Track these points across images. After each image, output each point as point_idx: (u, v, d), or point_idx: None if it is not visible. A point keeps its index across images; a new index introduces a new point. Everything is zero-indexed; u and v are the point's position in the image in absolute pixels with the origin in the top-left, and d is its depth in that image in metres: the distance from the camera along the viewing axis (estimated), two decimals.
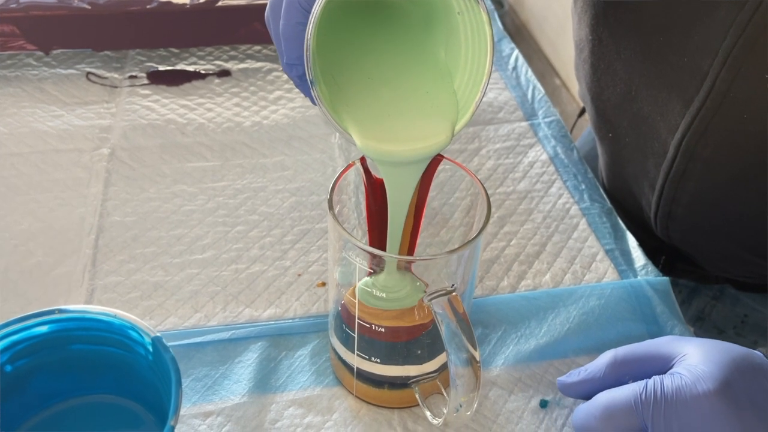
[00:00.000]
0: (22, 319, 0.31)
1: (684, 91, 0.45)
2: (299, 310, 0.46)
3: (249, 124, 0.60)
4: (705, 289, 0.60)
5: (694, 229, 0.52)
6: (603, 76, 0.53)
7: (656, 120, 0.49)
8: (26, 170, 0.54)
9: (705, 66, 0.43)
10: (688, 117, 0.46)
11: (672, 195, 0.50)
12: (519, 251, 0.50)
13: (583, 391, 0.38)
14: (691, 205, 0.50)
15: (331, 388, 0.41)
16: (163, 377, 0.30)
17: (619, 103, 0.52)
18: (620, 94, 0.52)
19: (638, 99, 0.50)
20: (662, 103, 0.48)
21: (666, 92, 0.47)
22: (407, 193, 0.36)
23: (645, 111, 0.50)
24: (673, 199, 0.50)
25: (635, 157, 0.53)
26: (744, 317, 0.59)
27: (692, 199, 0.50)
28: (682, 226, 0.52)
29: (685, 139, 0.47)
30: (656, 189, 0.51)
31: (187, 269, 0.48)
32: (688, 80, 0.45)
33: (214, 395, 0.41)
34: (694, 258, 0.57)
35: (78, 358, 0.33)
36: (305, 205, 0.53)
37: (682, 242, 0.55)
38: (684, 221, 0.52)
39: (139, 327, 0.31)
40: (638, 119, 0.51)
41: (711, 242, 0.53)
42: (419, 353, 0.39)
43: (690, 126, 0.46)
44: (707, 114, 0.44)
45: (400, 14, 0.37)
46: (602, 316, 0.46)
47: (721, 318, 0.58)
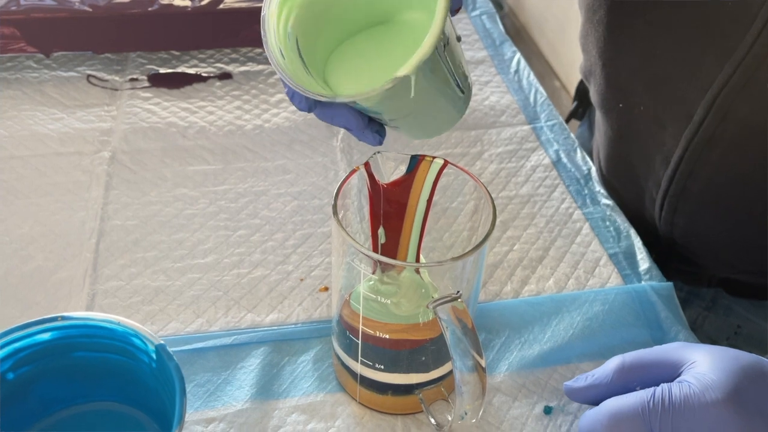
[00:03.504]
0: (25, 326, 0.31)
1: (725, 40, 0.42)
2: (302, 315, 0.45)
3: (250, 128, 0.60)
4: (697, 299, 0.59)
5: (705, 210, 0.50)
6: (620, 38, 0.50)
7: (683, 79, 0.46)
8: (26, 173, 0.54)
9: (755, 7, 0.40)
10: (728, 68, 0.42)
11: (690, 168, 0.48)
12: (522, 256, 0.50)
13: (590, 397, 0.38)
14: (710, 179, 0.47)
15: (334, 394, 0.41)
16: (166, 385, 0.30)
17: (637, 67, 0.49)
18: (639, 56, 0.49)
19: (662, 58, 0.47)
20: (693, 58, 0.44)
21: (700, 45, 0.44)
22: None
23: (668, 71, 0.47)
24: (691, 172, 0.48)
25: (648, 128, 0.50)
26: (737, 328, 0.58)
27: (713, 172, 0.47)
28: (694, 206, 0.50)
29: (720, 96, 0.43)
30: (672, 162, 0.48)
31: (189, 274, 0.47)
32: (732, 27, 0.42)
33: (216, 401, 0.40)
34: (692, 253, 0.55)
35: (81, 365, 0.33)
36: (307, 209, 0.53)
37: (686, 229, 0.52)
38: (697, 200, 0.49)
39: (143, 334, 0.31)
40: (658, 82, 0.48)
41: (722, 226, 0.50)
42: (423, 360, 0.38)
43: (728, 80, 0.42)
44: (752, 63, 0.41)
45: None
46: (606, 321, 0.46)
47: (714, 329, 0.57)
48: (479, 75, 0.68)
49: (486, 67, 0.69)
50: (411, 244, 0.41)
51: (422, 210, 0.39)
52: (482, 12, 0.77)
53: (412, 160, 0.38)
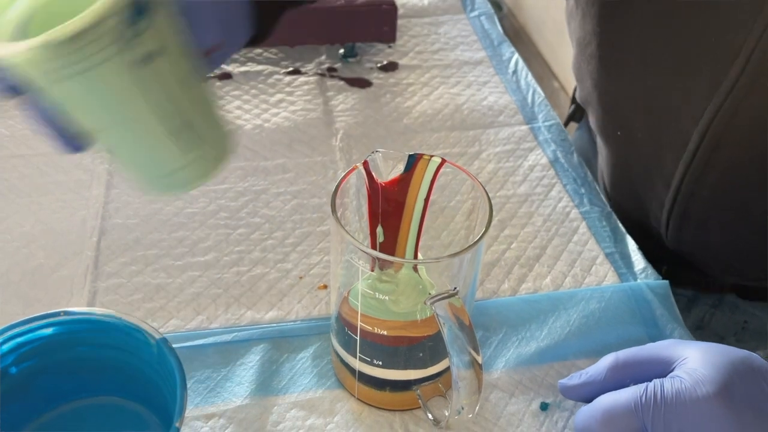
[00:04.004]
0: (28, 321, 0.31)
1: (712, 73, 0.43)
2: (301, 312, 0.46)
3: (250, 127, 0.60)
4: (704, 297, 0.60)
5: (710, 225, 0.50)
6: (613, 70, 0.51)
7: (676, 109, 0.47)
8: (28, 172, 0.54)
9: (738, 42, 0.41)
10: (716, 99, 0.43)
11: (691, 190, 0.48)
12: (519, 254, 0.51)
13: (584, 394, 0.38)
14: (711, 199, 0.48)
15: (332, 391, 0.42)
16: (167, 379, 0.31)
17: (632, 97, 0.50)
18: (633, 87, 0.50)
19: (655, 89, 0.48)
20: (685, 89, 0.46)
21: (690, 77, 0.45)
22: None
23: (662, 101, 0.48)
24: (692, 194, 0.49)
25: (648, 153, 0.51)
26: (744, 323, 0.59)
27: (713, 192, 0.48)
28: (698, 223, 0.51)
29: (712, 124, 0.44)
30: (672, 186, 0.49)
31: (189, 271, 0.48)
32: (717, 61, 0.43)
33: (216, 397, 0.41)
34: (700, 262, 0.56)
35: (83, 359, 0.33)
36: (306, 207, 0.53)
37: (693, 243, 0.53)
38: (701, 218, 0.50)
39: (144, 329, 0.31)
40: (654, 111, 0.49)
41: (727, 238, 0.51)
42: (421, 357, 0.39)
43: (718, 110, 0.44)
44: (739, 94, 0.42)
45: None
46: (602, 319, 0.46)
47: (721, 325, 0.57)
48: (477, 75, 0.68)
49: (484, 67, 0.70)
50: (409, 243, 0.41)
51: (420, 208, 0.40)
52: (481, 13, 0.78)
53: (410, 158, 0.38)
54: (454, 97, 0.65)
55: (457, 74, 0.68)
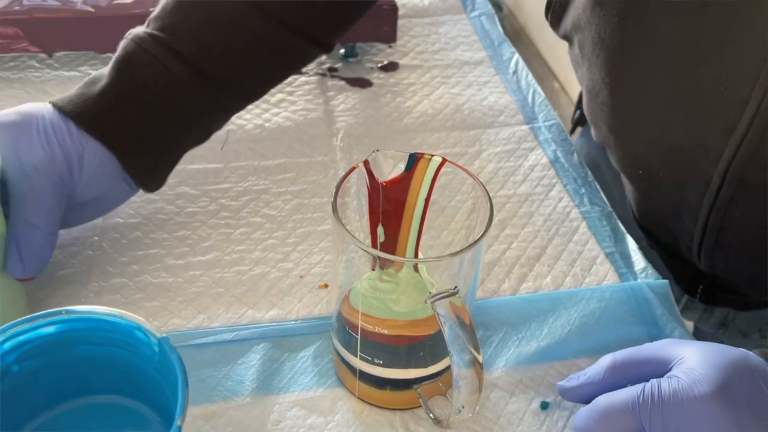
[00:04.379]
0: (30, 320, 0.31)
1: (724, 119, 0.43)
2: (302, 311, 0.46)
3: (251, 127, 0.60)
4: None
5: (743, 254, 0.50)
6: (627, 116, 0.51)
7: (695, 150, 0.46)
8: None
9: (745, 93, 0.41)
10: (733, 144, 0.43)
11: (719, 224, 0.48)
12: (520, 254, 0.51)
13: (582, 395, 0.38)
14: (741, 232, 0.48)
15: (333, 390, 0.42)
16: (169, 378, 0.31)
17: (650, 140, 0.50)
18: (651, 131, 0.49)
19: (672, 132, 0.47)
20: (700, 133, 0.45)
21: (704, 122, 0.45)
22: None
23: (681, 142, 0.47)
24: (720, 227, 0.48)
25: (672, 190, 0.51)
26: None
27: (742, 225, 0.47)
28: (730, 253, 0.50)
29: (731, 166, 0.44)
30: (699, 220, 0.49)
31: (190, 271, 0.48)
32: (728, 108, 0.43)
33: (217, 396, 0.41)
34: (737, 285, 0.55)
35: (84, 358, 0.33)
36: (307, 207, 0.53)
37: (727, 270, 0.53)
38: (732, 248, 0.50)
39: (146, 328, 0.31)
40: (674, 152, 0.48)
41: (763, 264, 0.50)
42: (422, 355, 0.39)
43: (735, 153, 0.44)
44: (753, 140, 0.42)
45: None
46: (602, 318, 0.46)
47: (745, 322, 0.57)
48: (478, 75, 0.69)
49: (485, 67, 0.70)
50: (409, 242, 0.41)
51: (420, 208, 0.40)
52: (481, 13, 0.78)
53: (411, 158, 0.38)
54: (455, 97, 0.65)
55: (458, 74, 0.68)
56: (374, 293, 0.37)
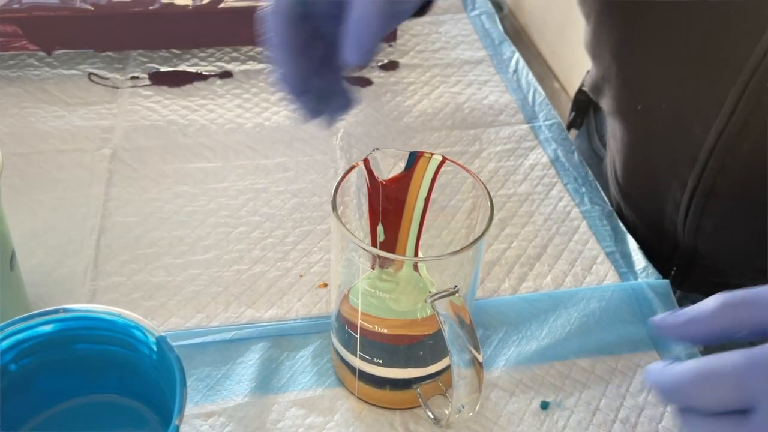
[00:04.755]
0: (27, 318, 0.31)
1: (751, 24, 0.41)
2: (301, 311, 0.46)
3: (251, 126, 0.60)
4: None
5: (735, 210, 0.47)
6: (636, 37, 0.48)
7: (710, 67, 0.44)
8: (28, 170, 0.54)
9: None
10: (759, 51, 0.40)
11: (720, 163, 0.45)
12: (520, 253, 0.51)
13: (688, 334, 0.31)
14: (743, 173, 0.45)
15: (332, 389, 0.42)
16: (167, 377, 0.30)
17: (657, 63, 0.47)
18: (660, 52, 0.46)
19: (686, 48, 0.44)
20: (720, 42, 0.43)
21: (726, 30, 0.42)
22: None
23: (694, 61, 0.44)
24: (721, 168, 0.45)
25: (672, 126, 0.48)
26: None
27: (746, 163, 0.44)
28: (722, 207, 0.47)
29: (752, 80, 0.41)
30: (699, 160, 0.46)
31: (189, 270, 0.48)
32: (755, 13, 0.40)
33: (216, 395, 0.41)
34: (717, 262, 0.53)
35: (82, 357, 0.33)
36: (307, 206, 0.53)
37: (713, 236, 0.49)
38: (727, 198, 0.46)
39: (144, 326, 0.31)
40: (683, 75, 0.46)
41: (753, 227, 0.47)
42: (422, 355, 0.39)
43: (761, 62, 0.40)
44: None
45: None
46: (603, 318, 0.46)
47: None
48: (478, 74, 0.68)
49: (485, 66, 0.70)
50: (409, 241, 0.41)
51: (420, 207, 0.40)
52: (481, 12, 0.78)
53: (411, 156, 0.38)
54: (455, 96, 0.65)
55: (458, 73, 0.68)
56: (374, 292, 0.37)
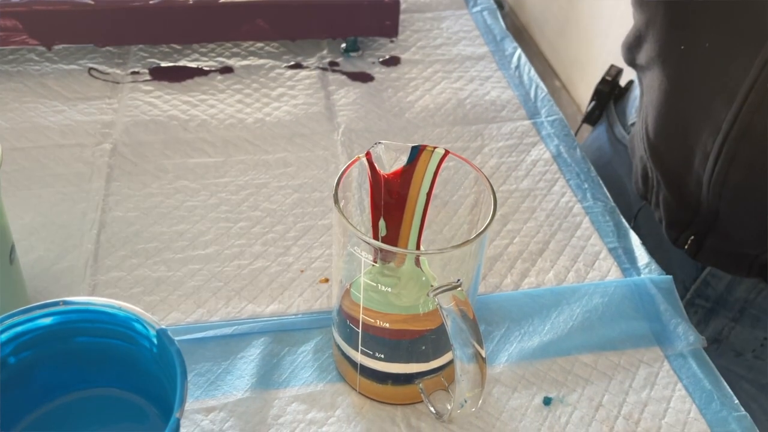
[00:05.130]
0: (27, 311, 0.31)
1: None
2: (302, 306, 0.46)
3: (251, 121, 0.60)
4: (723, 310, 0.57)
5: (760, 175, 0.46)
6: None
7: (756, 7, 0.43)
8: (28, 165, 0.54)
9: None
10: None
11: (760, 99, 0.45)
12: (522, 249, 0.50)
13: None
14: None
15: (334, 384, 0.41)
16: (167, 370, 0.30)
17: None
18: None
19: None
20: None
21: None
22: None
23: (740, 1, 0.44)
24: (760, 104, 0.45)
25: (713, 64, 0.48)
26: (764, 340, 0.56)
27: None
28: (754, 153, 0.47)
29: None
30: (738, 97, 0.46)
31: (190, 265, 0.48)
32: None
33: (216, 390, 0.40)
34: (736, 227, 0.52)
35: (82, 350, 0.33)
36: (308, 201, 0.53)
37: (737, 193, 0.49)
38: (761, 143, 0.46)
39: (144, 319, 0.31)
40: (730, 12, 0.45)
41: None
42: (423, 350, 0.39)
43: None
44: None
45: None
46: (606, 313, 0.46)
47: (739, 341, 0.55)
48: (480, 70, 0.68)
49: (487, 62, 0.69)
50: (411, 237, 0.41)
51: (423, 201, 0.40)
52: (483, 8, 0.78)
53: (413, 150, 0.38)
54: (457, 92, 0.65)
55: (460, 69, 0.68)
56: (376, 287, 0.36)
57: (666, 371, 0.43)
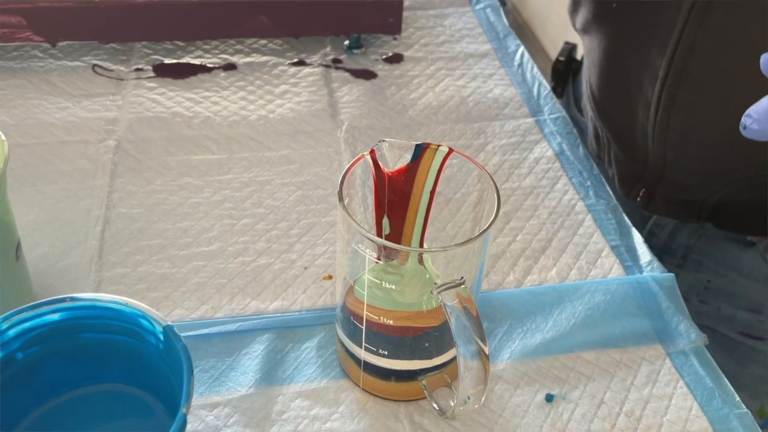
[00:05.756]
0: (34, 307, 0.31)
1: None
2: (306, 302, 0.46)
3: (255, 118, 0.60)
4: (668, 257, 0.58)
5: (705, 99, 0.48)
6: None
7: None
8: (32, 161, 0.54)
9: None
10: None
11: (691, 42, 0.46)
12: (525, 246, 0.51)
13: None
14: (713, 50, 0.46)
15: (337, 381, 0.42)
16: (173, 366, 0.30)
17: None
18: None
19: None
20: None
21: None
22: None
23: None
24: (691, 47, 0.46)
25: (645, 15, 0.49)
26: (707, 282, 0.58)
27: (716, 39, 0.45)
28: (692, 96, 0.48)
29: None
30: (671, 42, 0.47)
31: (194, 261, 0.48)
32: None
33: (221, 386, 0.41)
34: (683, 174, 0.53)
35: (88, 346, 0.33)
36: (311, 198, 0.53)
37: (681, 138, 0.51)
38: (697, 85, 0.48)
39: (150, 316, 0.31)
40: None
41: (721, 122, 0.48)
42: (427, 347, 0.39)
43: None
44: None
45: None
46: (608, 311, 0.46)
47: (685, 286, 0.54)
48: (483, 68, 0.68)
49: (490, 60, 0.69)
50: (414, 234, 0.41)
51: (426, 199, 0.40)
52: (486, 5, 0.78)
53: (417, 147, 0.38)
54: (460, 90, 0.65)
55: (463, 66, 0.68)
56: (379, 284, 0.37)
57: (668, 368, 0.43)
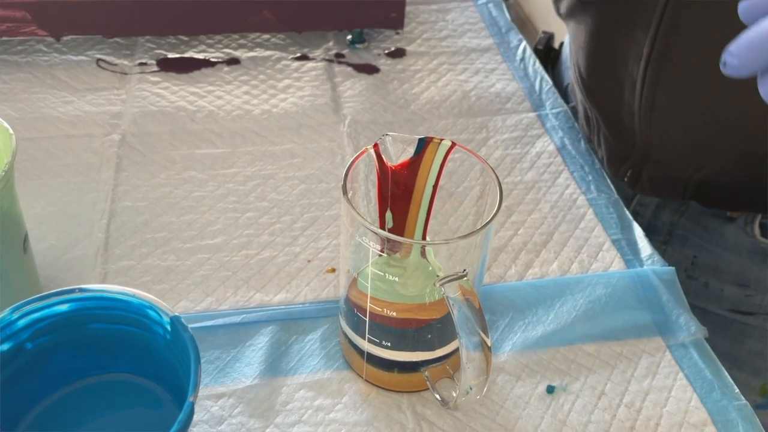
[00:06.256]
0: (43, 298, 0.32)
1: None
2: (309, 295, 0.46)
3: (258, 112, 0.60)
4: (654, 234, 0.59)
5: (689, 75, 0.48)
6: None
7: None
8: (38, 155, 0.55)
9: None
10: None
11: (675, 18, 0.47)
12: (526, 240, 0.51)
13: None
14: (696, 28, 0.46)
15: (341, 372, 0.42)
16: (181, 356, 0.31)
17: None
18: None
19: None
20: None
21: None
22: None
23: None
24: (675, 24, 0.47)
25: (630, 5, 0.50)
26: (693, 258, 0.58)
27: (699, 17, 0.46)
28: (677, 72, 0.49)
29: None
30: (654, 20, 0.48)
31: (198, 254, 0.48)
32: None
33: (225, 377, 0.41)
34: (669, 152, 0.54)
35: (97, 336, 0.33)
36: (315, 192, 0.54)
37: (666, 116, 0.51)
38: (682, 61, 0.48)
39: (158, 306, 0.32)
40: None
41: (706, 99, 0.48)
42: (429, 338, 0.39)
43: None
44: None
45: None
46: (608, 304, 0.46)
47: (671, 263, 0.54)
48: (485, 62, 0.68)
49: (492, 54, 0.70)
50: (417, 228, 0.41)
51: (429, 192, 0.40)
52: (488, 0, 0.78)
53: (420, 141, 0.39)
54: (462, 84, 0.65)
55: (465, 61, 0.68)
56: (382, 276, 0.37)
57: (667, 361, 0.44)
